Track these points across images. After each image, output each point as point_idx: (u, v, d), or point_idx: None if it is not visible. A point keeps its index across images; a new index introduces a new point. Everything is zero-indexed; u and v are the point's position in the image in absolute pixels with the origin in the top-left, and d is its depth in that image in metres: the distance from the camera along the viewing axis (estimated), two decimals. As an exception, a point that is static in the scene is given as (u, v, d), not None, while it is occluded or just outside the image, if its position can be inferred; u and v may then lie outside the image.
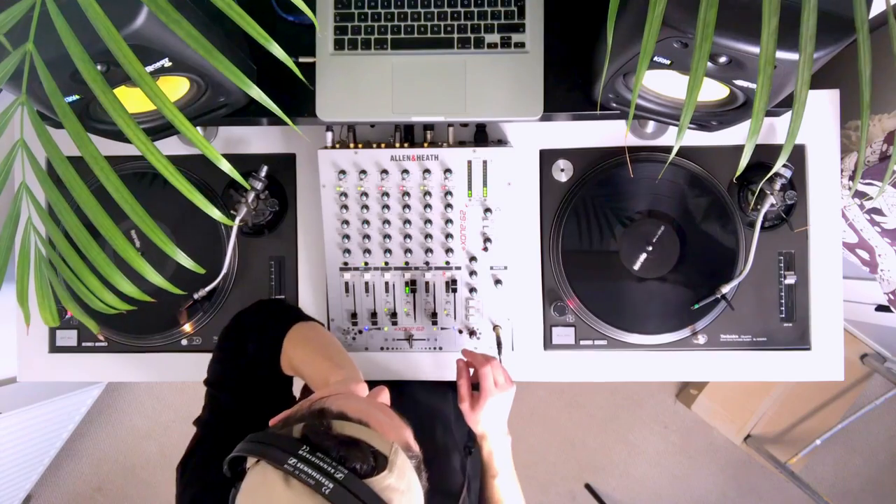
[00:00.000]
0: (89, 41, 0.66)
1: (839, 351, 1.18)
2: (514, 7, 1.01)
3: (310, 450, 0.61)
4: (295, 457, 0.61)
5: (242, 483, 0.65)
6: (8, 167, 0.73)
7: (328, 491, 0.58)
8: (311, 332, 0.95)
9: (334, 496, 0.58)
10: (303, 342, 0.92)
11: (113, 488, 2.41)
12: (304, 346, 0.92)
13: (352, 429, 0.65)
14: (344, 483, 0.59)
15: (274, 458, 0.62)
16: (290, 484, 0.60)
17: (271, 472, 0.61)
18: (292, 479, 0.60)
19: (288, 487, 0.60)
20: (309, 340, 0.93)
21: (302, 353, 0.91)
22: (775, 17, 0.62)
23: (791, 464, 2.13)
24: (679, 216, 1.16)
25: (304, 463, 0.60)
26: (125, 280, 0.74)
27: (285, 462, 0.60)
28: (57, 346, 1.24)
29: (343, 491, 0.58)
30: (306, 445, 0.62)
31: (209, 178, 1.21)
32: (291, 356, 0.91)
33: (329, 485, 0.58)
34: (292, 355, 0.91)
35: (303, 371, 0.89)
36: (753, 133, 0.65)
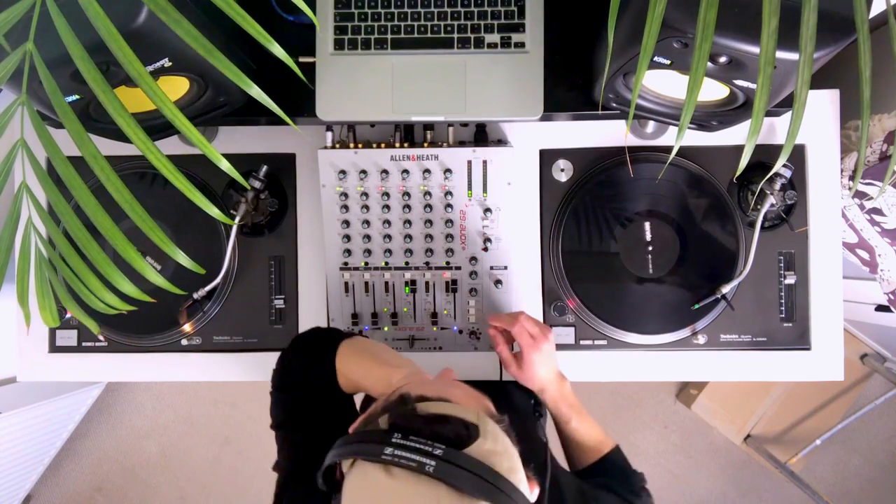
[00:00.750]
0: (89, 41, 0.66)
1: (839, 351, 1.18)
2: (514, 7, 1.01)
3: (402, 435, 0.61)
4: (390, 445, 0.61)
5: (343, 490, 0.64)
6: (8, 167, 0.73)
7: (432, 469, 0.58)
8: (358, 345, 0.95)
9: (439, 472, 0.58)
10: (355, 356, 0.92)
11: (113, 488, 2.41)
12: (357, 359, 0.91)
13: (436, 406, 0.65)
14: (445, 458, 0.59)
15: (369, 453, 0.62)
16: (392, 473, 0.60)
17: (370, 467, 0.61)
18: (393, 468, 0.60)
19: (391, 477, 0.60)
20: (360, 353, 0.93)
21: (357, 366, 0.90)
22: (775, 17, 0.62)
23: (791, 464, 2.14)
24: (679, 216, 1.16)
25: (400, 449, 0.60)
26: (125, 280, 0.74)
27: (381, 453, 0.60)
28: (57, 346, 1.24)
29: (446, 465, 0.59)
30: (397, 433, 0.62)
31: (209, 178, 1.21)
32: (347, 373, 0.90)
33: (431, 463, 0.59)
34: (348, 372, 0.90)
35: (363, 383, 0.88)
36: (753, 133, 0.65)
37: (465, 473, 0.59)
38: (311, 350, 0.96)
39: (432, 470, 0.58)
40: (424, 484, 0.58)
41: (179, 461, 2.39)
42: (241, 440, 2.37)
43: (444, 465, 0.59)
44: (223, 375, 1.24)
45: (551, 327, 1.04)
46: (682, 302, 1.16)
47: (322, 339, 0.98)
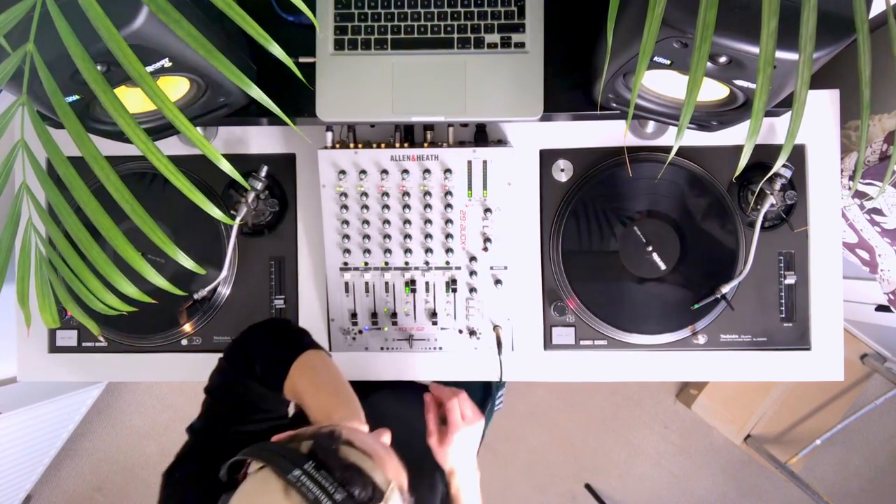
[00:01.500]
0: (90, 41, 0.67)
1: (839, 351, 1.18)
2: (514, 7, 1.01)
3: (315, 466, 0.63)
4: (300, 469, 0.62)
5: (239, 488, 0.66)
6: (8, 168, 0.73)
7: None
8: (319, 361, 0.94)
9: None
10: (311, 371, 0.92)
11: (113, 488, 2.41)
12: (311, 375, 0.91)
13: (357, 457, 0.66)
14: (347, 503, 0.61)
15: (280, 467, 0.63)
16: (289, 495, 0.61)
17: (273, 480, 0.63)
18: (293, 491, 0.61)
19: (286, 498, 0.61)
20: (317, 371, 0.92)
21: (308, 382, 0.90)
22: (775, 18, 0.62)
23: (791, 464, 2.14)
24: (679, 216, 1.16)
25: (307, 477, 0.62)
26: (126, 280, 0.74)
27: (290, 472, 0.62)
28: (57, 346, 1.24)
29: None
30: (312, 461, 0.63)
31: (209, 179, 1.21)
32: (296, 383, 0.90)
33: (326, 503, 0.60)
34: (297, 382, 0.90)
35: (305, 400, 0.88)
36: (753, 133, 0.65)
37: None
38: (277, 341, 0.96)
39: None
40: None
41: (179, 461, 2.39)
42: (241, 440, 2.37)
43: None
44: (223, 375, 1.24)
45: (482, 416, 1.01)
46: (682, 302, 1.16)
47: (291, 337, 0.98)
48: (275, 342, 0.96)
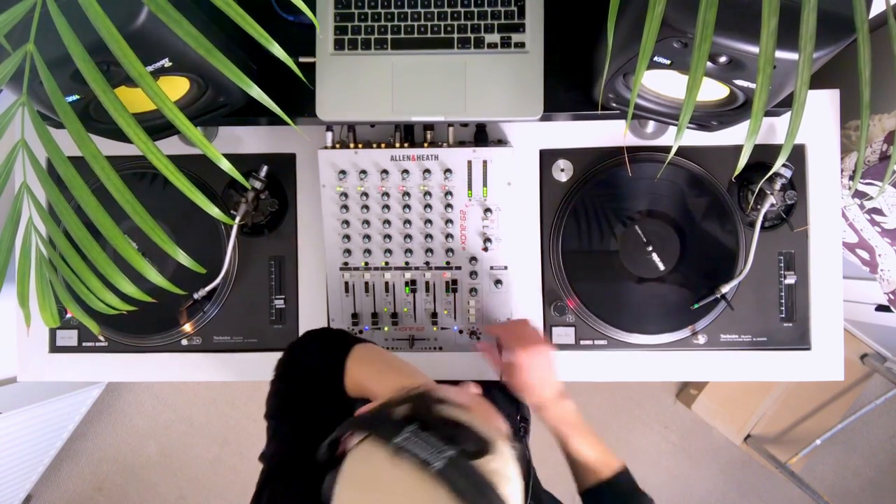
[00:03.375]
0: (90, 41, 0.67)
1: (839, 351, 1.18)
2: (514, 7, 1.01)
3: (418, 428, 0.61)
4: (404, 433, 0.60)
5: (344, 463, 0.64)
6: (9, 167, 0.73)
7: (437, 469, 0.58)
8: (371, 351, 0.94)
9: (444, 473, 0.58)
10: (368, 360, 0.91)
11: (113, 488, 2.41)
12: (370, 363, 0.91)
13: (456, 412, 0.65)
14: (452, 462, 0.59)
15: (382, 434, 0.61)
16: (397, 462, 0.59)
17: (378, 449, 0.61)
18: (400, 457, 0.59)
19: (396, 465, 0.59)
20: (374, 358, 0.92)
21: (370, 370, 0.89)
22: (775, 17, 0.62)
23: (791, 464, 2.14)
24: (679, 216, 1.16)
25: (412, 440, 0.60)
26: (126, 280, 0.74)
27: (394, 437, 0.60)
28: (57, 346, 1.24)
29: (451, 470, 0.58)
30: (414, 424, 0.62)
31: (209, 178, 1.21)
32: (357, 375, 0.89)
33: (438, 463, 0.58)
34: (358, 374, 0.89)
35: (372, 387, 0.87)
36: (752, 133, 0.65)
37: (467, 483, 0.58)
38: (325, 346, 0.95)
39: (437, 470, 0.58)
40: (426, 481, 0.58)
41: (179, 461, 2.39)
42: (240, 440, 2.37)
43: (450, 469, 0.58)
44: (223, 375, 1.24)
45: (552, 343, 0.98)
46: (682, 302, 1.16)
47: (336, 338, 0.97)
48: (322, 347, 0.95)
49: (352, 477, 0.63)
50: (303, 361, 0.94)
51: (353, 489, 0.62)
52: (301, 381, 0.92)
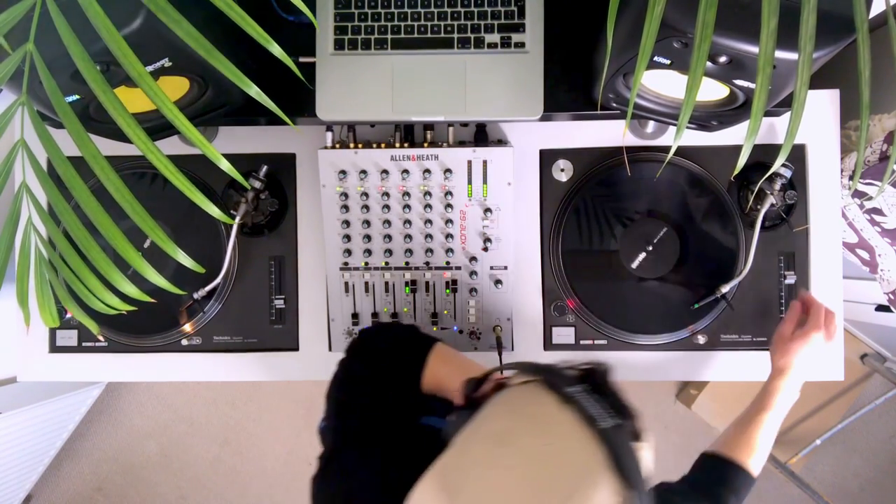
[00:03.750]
0: (89, 41, 0.67)
1: (839, 351, 1.18)
2: (514, 7, 1.01)
3: (591, 389, 0.62)
4: (575, 388, 0.61)
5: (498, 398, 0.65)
6: (8, 167, 0.73)
7: (602, 428, 0.58)
8: (451, 350, 0.96)
9: (605, 435, 0.58)
10: (450, 358, 0.94)
11: (113, 488, 2.41)
12: (452, 361, 0.93)
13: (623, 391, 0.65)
14: (618, 429, 0.59)
15: (557, 381, 0.62)
16: (564, 408, 0.60)
17: (545, 394, 0.61)
18: (569, 406, 0.60)
19: (561, 411, 0.60)
20: (454, 357, 0.95)
21: (453, 367, 0.92)
22: (774, 17, 0.62)
23: (791, 464, 2.13)
24: (679, 216, 1.16)
25: (583, 396, 0.60)
26: (125, 280, 0.74)
27: (568, 387, 0.61)
28: (57, 346, 1.24)
29: (615, 435, 0.58)
30: (586, 384, 0.62)
31: (209, 178, 1.21)
32: (439, 370, 0.91)
33: (604, 423, 0.58)
34: (440, 369, 0.91)
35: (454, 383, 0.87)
36: (752, 133, 0.65)
37: (628, 455, 0.58)
38: (406, 338, 0.97)
39: (602, 429, 0.58)
40: (588, 437, 0.58)
41: (179, 461, 2.39)
42: (240, 440, 2.37)
43: (614, 433, 0.58)
44: (223, 375, 1.24)
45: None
46: (682, 302, 1.16)
47: (417, 333, 0.99)
48: (403, 339, 0.98)
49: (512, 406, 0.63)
50: (384, 348, 0.96)
51: (511, 416, 0.62)
52: (379, 366, 0.93)
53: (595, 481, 0.56)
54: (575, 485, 0.55)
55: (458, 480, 0.58)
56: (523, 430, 0.60)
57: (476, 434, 0.62)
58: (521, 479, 0.56)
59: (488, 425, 0.63)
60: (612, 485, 0.56)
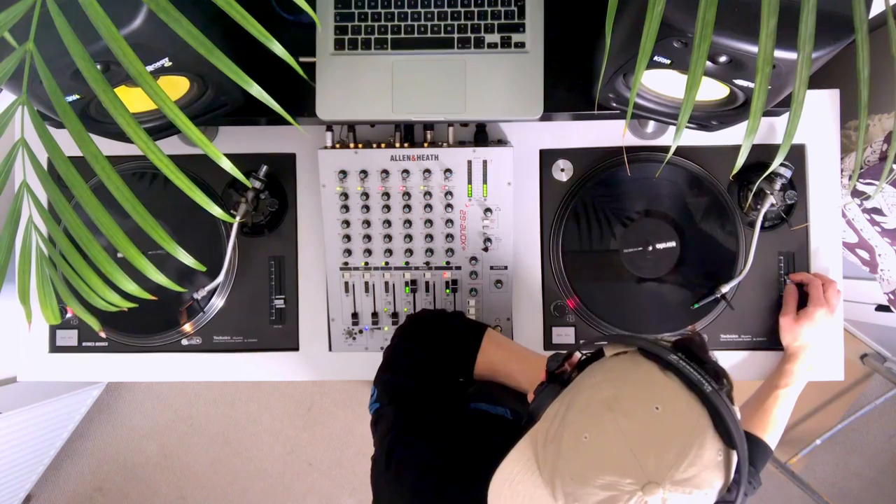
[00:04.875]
0: (90, 40, 0.67)
1: (839, 351, 1.18)
2: (514, 7, 1.02)
3: (686, 357, 0.65)
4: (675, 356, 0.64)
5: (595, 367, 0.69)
6: (9, 166, 0.73)
7: (707, 391, 0.62)
8: (500, 335, 0.99)
9: (710, 398, 0.62)
10: (503, 343, 0.97)
11: (113, 488, 2.41)
12: (506, 346, 0.97)
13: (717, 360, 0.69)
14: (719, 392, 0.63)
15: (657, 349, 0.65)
16: (667, 374, 0.64)
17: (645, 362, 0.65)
18: (671, 372, 0.64)
19: (665, 376, 0.64)
20: (507, 342, 0.98)
21: (507, 351, 0.95)
22: (774, 17, 0.62)
23: (791, 464, 2.13)
24: (679, 216, 1.16)
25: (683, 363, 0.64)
26: (126, 278, 0.74)
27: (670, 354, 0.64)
28: (57, 346, 1.24)
29: (717, 397, 0.62)
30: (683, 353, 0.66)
31: (209, 178, 1.21)
32: (493, 355, 0.94)
33: (707, 387, 0.62)
34: (493, 353, 0.94)
35: (508, 367, 0.92)
36: (751, 133, 0.65)
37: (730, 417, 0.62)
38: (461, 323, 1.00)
39: (707, 392, 0.62)
40: (692, 400, 0.62)
41: (179, 461, 2.39)
42: (241, 440, 2.37)
43: (716, 396, 0.62)
44: (223, 375, 1.24)
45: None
46: (682, 302, 1.16)
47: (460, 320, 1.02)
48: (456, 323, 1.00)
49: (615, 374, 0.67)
50: (436, 328, 0.98)
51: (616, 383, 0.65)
52: (432, 346, 0.95)
53: (703, 441, 0.60)
54: (686, 444, 0.60)
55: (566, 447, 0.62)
56: (631, 396, 0.63)
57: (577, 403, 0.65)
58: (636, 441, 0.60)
59: (592, 393, 0.65)
60: (716, 443, 0.61)
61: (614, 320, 1.17)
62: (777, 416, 1.06)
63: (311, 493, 2.36)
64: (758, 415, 1.07)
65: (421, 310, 1.10)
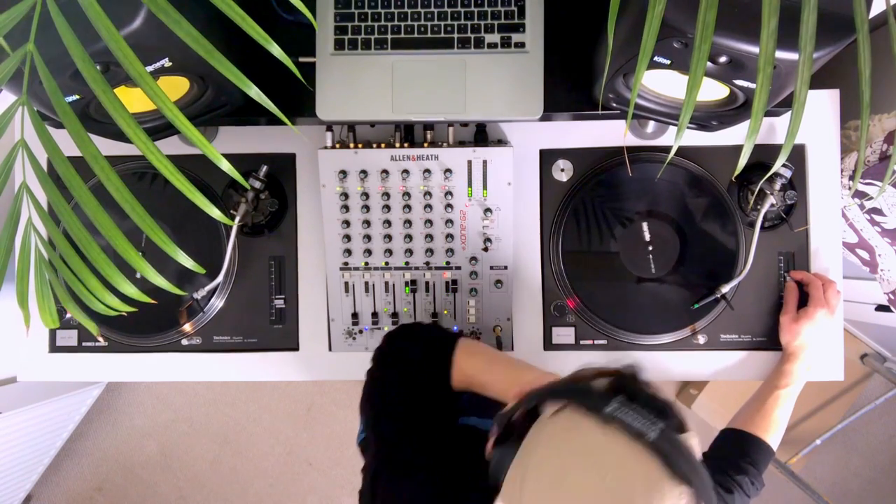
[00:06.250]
0: (90, 41, 0.66)
1: (839, 351, 1.18)
2: (514, 7, 1.01)
3: (626, 399, 0.61)
4: (614, 403, 0.60)
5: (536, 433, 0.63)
6: (8, 167, 0.73)
7: (651, 439, 0.58)
8: (477, 344, 0.95)
9: (658, 444, 0.58)
10: (476, 352, 0.92)
11: (113, 488, 2.41)
12: (479, 355, 0.91)
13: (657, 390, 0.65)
14: (664, 434, 0.59)
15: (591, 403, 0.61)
16: (608, 430, 0.59)
17: (582, 419, 0.60)
18: (610, 427, 0.59)
19: (606, 434, 0.59)
20: (481, 351, 0.93)
21: (480, 361, 0.90)
22: (775, 17, 0.62)
23: (791, 464, 2.13)
24: (679, 216, 1.16)
25: (622, 411, 0.59)
26: (125, 281, 0.74)
27: (604, 407, 0.60)
28: (57, 346, 1.24)
29: (664, 442, 0.58)
30: (621, 395, 0.61)
31: (209, 179, 1.21)
32: (467, 368, 0.90)
33: (651, 434, 0.58)
34: (468, 365, 0.90)
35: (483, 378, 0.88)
36: (752, 133, 0.65)
37: (679, 455, 0.58)
38: (430, 338, 0.96)
39: (651, 440, 0.58)
40: (640, 451, 0.58)
41: (179, 461, 2.39)
42: (240, 440, 2.37)
43: (663, 440, 0.58)
44: (223, 375, 1.24)
45: None
46: (682, 302, 1.16)
47: (440, 330, 0.98)
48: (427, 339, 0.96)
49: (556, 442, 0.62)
50: (407, 350, 0.94)
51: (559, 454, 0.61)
52: (406, 369, 0.91)
53: (661, 495, 0.56)
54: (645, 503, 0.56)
55: None
56: (576, 467, 0.59)
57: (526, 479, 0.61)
58: None
59: (538, 468, 0.61)
60: (675, 488, 0.57)
61: (614, 320, 1.17)
62: (778, 416, 1.06)
63: (311, 493, 2.36)
64: (759, 416, 1.07)
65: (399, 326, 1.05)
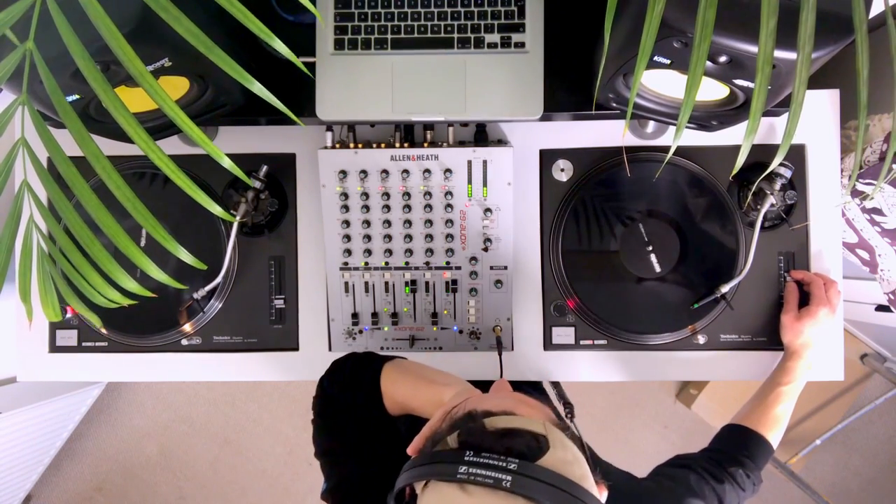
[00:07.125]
0: (90, 40, 0.67)
1: (839, 351, 1.18)
2: (514, 7, 1.02)
3: (474, 453, 0.62)
4: (463, 464, 0.61)
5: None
6: (9, 166, 0.73)
7: (509, 484, 0.58)
8: (402, 366, 0.94)
9: (516, 486, 0.58)
10: (401, 377, 0.91)
11: (113, 488, 2.41)
12: (403, 380, 0.91)
13: (503, 421, 0.65)
14: (520, 471, 0.59)
15: (443, 473, 0.62)
16: (468, 491, 0.60)
17: (446, 487, 0.61)
18: (469, 486, 0.60)
19: (468, 495, 0.60)
20: (405, 373, 0.92)
21: (404, 387, 0.90)
22: (774, 17, 0.62)
23: (791, 464, 2.14)
24: (679, 216, 1.16)
25: (474, 467, 0.60)
26: (126, 276, 0.74)
27: (456, 472, 0.60)
28: (57, 345, 1.24)
29: (522, 479, 0.59)
30: (469, 450, 0.62)
31: (209, 179, 1.21)
32: (393, 394, 0.90)
33: (507, 478, 0.59)
34: (394, 393, 0.90)
35: (411, 404, 0.88)
36: (750, 133, 0.65)
37: (542, 485, 0.58)
38: (354, 373, 0.95)
39: (509, 485, 0.58)
40: (502, 499, 0.58)
41: (179, 461, 2.39)
42: (240, 440, 2.37)
43: (520, 478, 0.59)
44: (223, 375, 1.24)
45: None
46: (681, 302, 1.16)
47: (363, 362, 0.97)
48: (352, 376, 0.95)
49: None
50: (337, 395, 0.94)
51: None
52: (341, 413, 0.91)
53: None
54: None
55: None
56: None
57: None
58: None
59: None
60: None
61: (614, 320, 1.17)
62: (779, 413, 1.07)
63: (312, 493, 2.36)
64: (759, 412, 1.08)
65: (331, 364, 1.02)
